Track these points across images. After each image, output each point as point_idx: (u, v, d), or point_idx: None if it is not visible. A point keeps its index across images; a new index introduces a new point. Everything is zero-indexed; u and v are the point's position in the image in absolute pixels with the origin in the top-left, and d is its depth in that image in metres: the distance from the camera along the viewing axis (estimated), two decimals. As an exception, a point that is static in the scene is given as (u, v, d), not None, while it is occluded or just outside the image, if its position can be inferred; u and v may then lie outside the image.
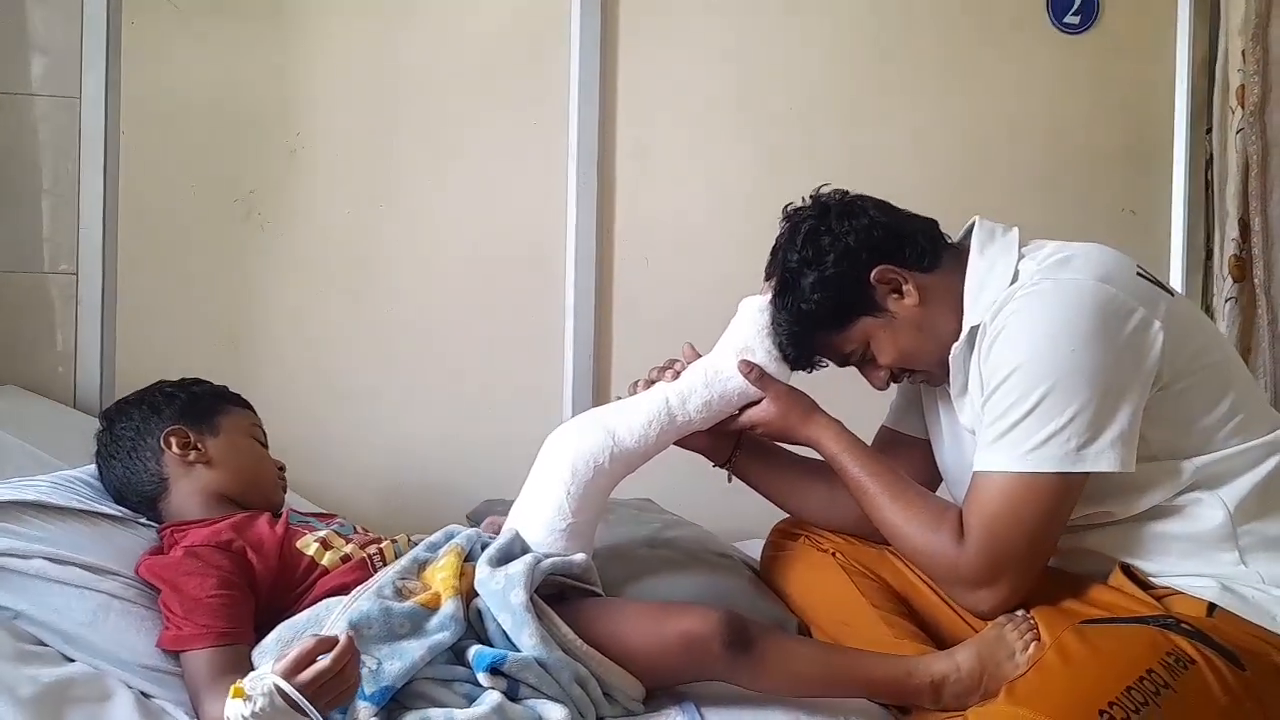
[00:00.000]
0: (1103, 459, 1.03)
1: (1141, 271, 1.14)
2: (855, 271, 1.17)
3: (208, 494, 1.21)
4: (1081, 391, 1.03)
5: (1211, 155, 2.24)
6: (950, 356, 1.18)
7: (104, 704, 0.98)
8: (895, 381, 1.25)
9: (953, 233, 1.26)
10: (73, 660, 1.03)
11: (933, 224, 1.24)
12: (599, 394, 1.92)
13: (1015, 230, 1.20)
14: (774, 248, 1.26)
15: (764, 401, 1.25)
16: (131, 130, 1.77)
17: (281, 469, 1.32)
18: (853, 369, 1.26)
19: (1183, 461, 1.09)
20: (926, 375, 1.24)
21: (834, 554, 1.32)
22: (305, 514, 1.31)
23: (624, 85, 1.94)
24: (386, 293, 1.87)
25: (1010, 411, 1.06)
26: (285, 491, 1.33)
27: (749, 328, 1.27)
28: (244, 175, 1.81)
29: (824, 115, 2.04)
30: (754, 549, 1.50)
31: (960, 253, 1.21)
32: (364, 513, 1.64)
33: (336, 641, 0.91)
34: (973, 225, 1.22)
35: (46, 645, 1.03)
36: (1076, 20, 2.14)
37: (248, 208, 1.82)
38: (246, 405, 1.34)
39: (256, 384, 1.79)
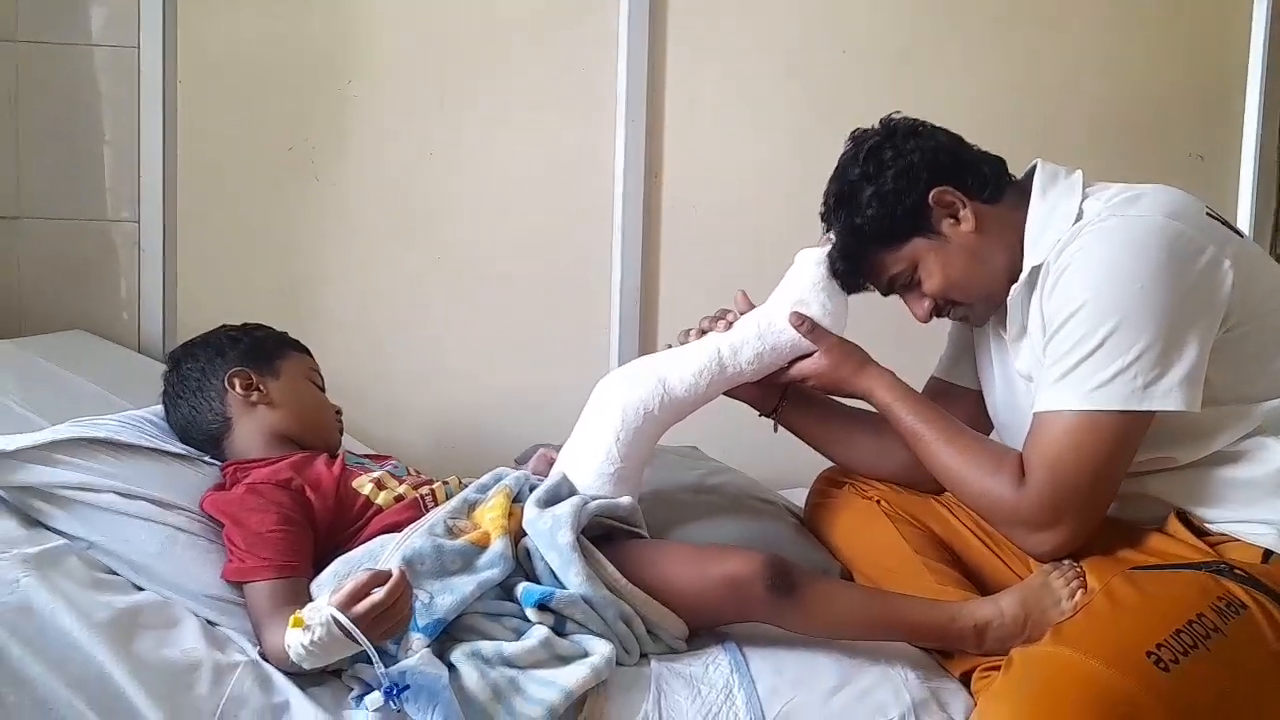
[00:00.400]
0: (1170, 398, 1.01)
1: (1210, 212, 1.12)
2: (914, 190, 1.16)
3: (269, 434, 1.25)
4: (1148, 328, 1.01)
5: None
6: (1009, 298, 1.17)
7: (172, 630, 1.02)
8: (939, 314, 1.23)
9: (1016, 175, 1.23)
10: (142, 589, 1.08)
11: (999, 160, 1.21)
12: (645, 342, 1.93)
13: (1079, 172, 1.17)
14: (837, 166, 1.24)
15: (816, 354, 1.25)
16: (189, 80, 1.80)
17: (338, 412, 1.36)
18: (900, 313, 1.25)
19: (1249, 405, 1.06)
20: (969, 310, 1.22)
21: (879, 501, 1.32)
22: (361, 455, 1.34)
23: (673, 33, 1.91)
24: (437, 242, 1.89)
25: (1075, 349, 1.03)
26: (342, 434, 1.36)
27: (805, 280, 1.27)
28: (299, 124, 1.84)
29: (877, 61, 1.99)
30: (798, 497, 1.51)
31: (1023, 192, 1.18)
32: (416, 455, 1.68)
33: (389, 575, 0.93)
34: (1034, 168, 1.20)
35: (118, 574, 1.08)
36: (1149, -44, 2.04)
37: (302, 156, 1.84)
38: (305, 350, 1.38)
39: (312, 330, 1.82)
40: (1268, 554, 1.04)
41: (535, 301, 1.92)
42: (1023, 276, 1.14)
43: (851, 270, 1.24)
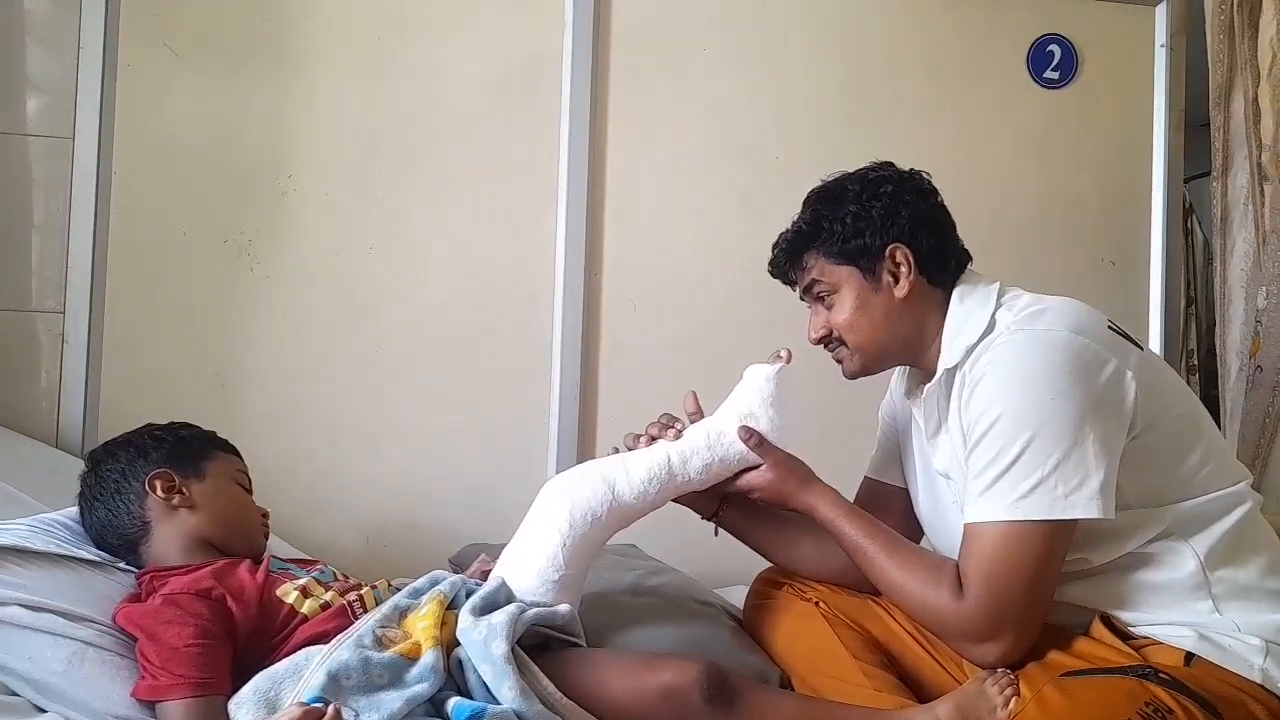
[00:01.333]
0: (1091, 505, 1.05)
1: (1112, 325, 1.17)
2: (882, 232, 1.22)
3: (189, 539, 1.21)
4: (1064, 439, 1.05)
5: (1190, 205, 2.28)
6: (923, 395, 1.22)
7: (74, 757, 0.96)
8: (824, 344, 1.28)
9: None
10: (44, 711, 1.01)
11: (967, 259, 1.27)
12: (584, 438, 1.93)
13: (997, 284, 1.23)
14: (849, 173, 1.28)
15: (763, 468, 1.27)
16: (124, 171, 1.78)
17: (265, 515, 1.32)
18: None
19: (1156, 509, 1.10)
20: (849, 356, 1.26)
21: (817, 603, 1.32)
22: (286, 560, 1.30)
23: (613, 131, 1.97)
24: (375, 335, 1.88)
25: (995, 462, 1.07)
26: (268, 537, 1.32)
27: (754, 395, 1.29)
28: (235, 217, 1.83)
29: (809, 164, 2.01)
30: (736, 595, 1.50)
31: (948, 298, 1.24)
32: (348, 553, 1.64)
33: (322, 716, 0.90)
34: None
35: (17, 695, 1.02)
36: (1056, 75, 2.18)
37: (238, 249, 1.83)
38: (233, 450, 1.34)
39: (242, 424, 1.81)
40: (1189, 656, 1.07)
41: (472, 397, 1.91)
42: (937, 376, 1.20)
43: (790, 253, 1.28)
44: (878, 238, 1.22)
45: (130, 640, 1.08)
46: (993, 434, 1.08)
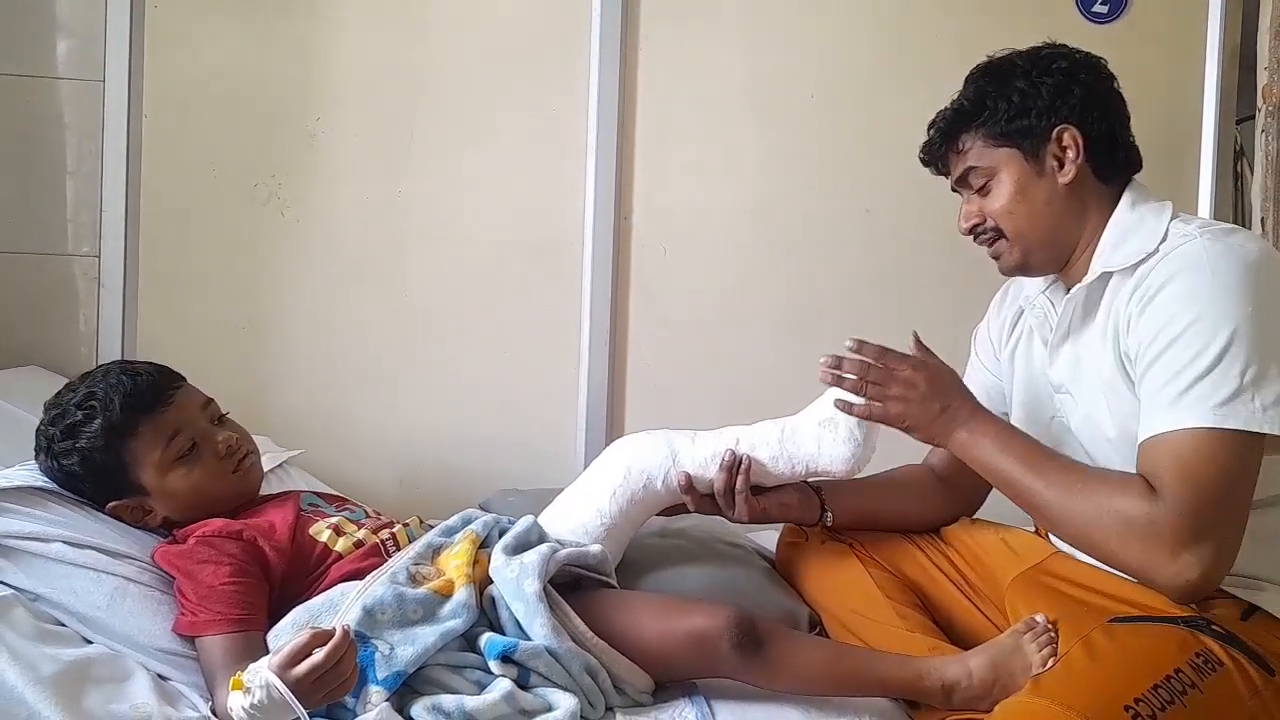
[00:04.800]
0: (1276, 424, 0.99)
1: None
2: (1052, 112, 1.13)
3: (188, 516, 1.16)
4: (1263, 351, 0.99)
5: (1241, 148, 2.20)
6: (1068, 297, 1.16)
7: (123, 684, 0.99)
8: (975, 234, 1.19)
9: None
10: (91, 642, 1.04)
11: (1139, 162, 1.19)
12: (614, 383, 1.93)
13: (1168, 203, 1.15)
14: (1020, 50, 1.20)
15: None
16: (154, 114, 1.78)
17: (238, 443, 1.19)
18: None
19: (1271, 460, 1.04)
20: (1005, 250, 1.18)
21: (850, 544, 1.32)
22: (316, 494, 1.31)
23: (643, 74, 1.93)
24: (404, 279, 1.88)
25: (1190, 367, 1.00)
26: (252, 460, 1.22)
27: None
28: (264, 160, 1.82)
29: (845, 104, 2.01)
30: (766, 539, 1.50)
31: (1118, 197, 1.16)
32: (380, 496, 1.66)
33: (331, 635, 0.91)
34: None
35: (66, 626, 1.05)
36: (1105, 9, 2.10)
37: (268, 192, 1.83)
38: (152, 403, 1.15)
39: (274, 365, 1.83)
40: (1248, 611, 1.05)
41: (502, 340, 1.90)
42: (1089, 279, 1.13)
43: (947, 132, 1.19)
44: (1045, 117, 1.13)
45: (169, 578, 1.11)
46: (1185, 339, 1.01)
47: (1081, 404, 1.15)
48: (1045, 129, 1.14)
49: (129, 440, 1.14)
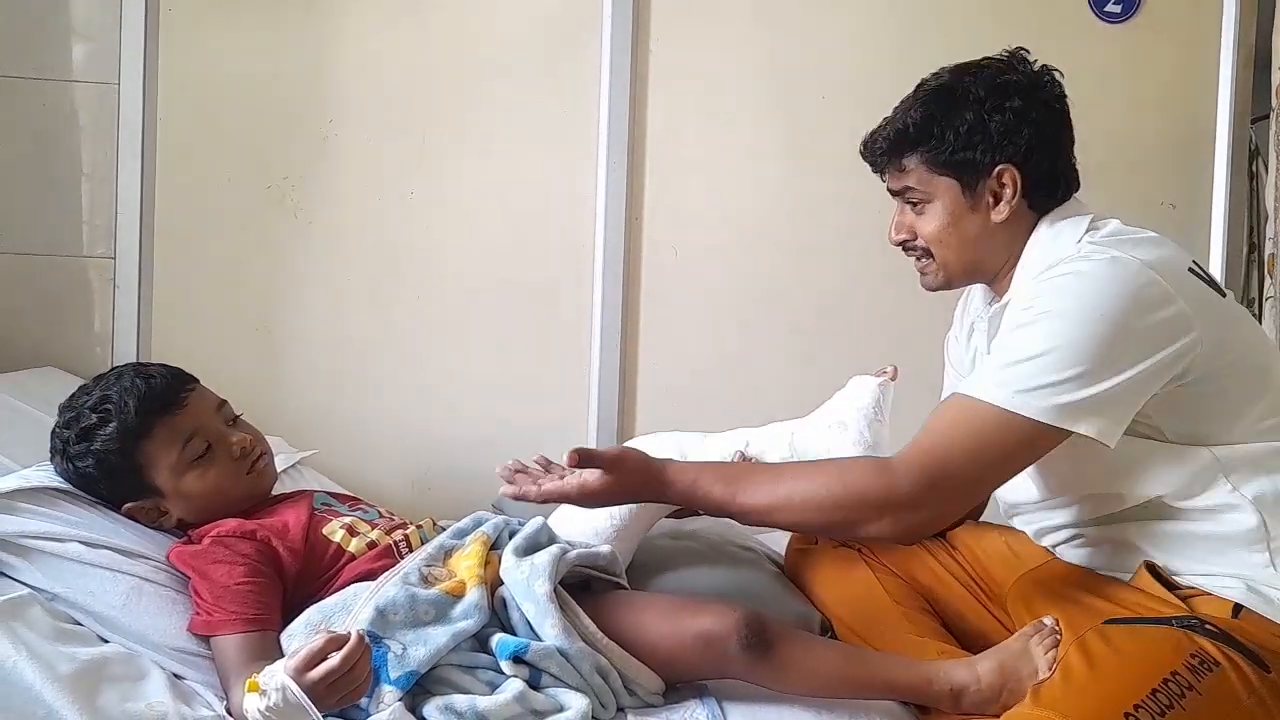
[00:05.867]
0: (1081, 423, 1.01)
1: (1196, 269, 1.12)
2: (995, 151, 1.14)
3: (202, 517, 1.17)
4: (1091, 357, 1.01)
5: (1256, 148, 2.18)
6: (988, 315, 1.18)
7: (138, 683, 0.99)
8: (905, 248, 1.22)
9: None
10: (107, 641, 1.05)
11: (1076, 186, 1.20)
12: (625, 385, 1.93)
13: (1090, 215, 1.16)
14: (978, 64, 1.19)
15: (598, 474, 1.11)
16: (168, 116, 1.79)
17: (253, 442, 1.21)
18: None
19: (1201, 449, 1.07)
20: (933, 271, 1.21)
21: (859, 549, 1.32)
22: (329, 494, 1.32)
23: (655, 74, 1.93)
24: (417, 279, 1.88)
25: (1016, 351, 1.04)
26: (265, 464, 1.24)
27: (851, 405, 1.27)
28: (278, 162, 1.83)
29: (858, 104, 1.99)
30: (775, 542, 1.50)
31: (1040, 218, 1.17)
32: (391, 498, 1.66)
33: (347, 639, 0.92)
34: None
35: (82, 625, 1.06)
36: (1118, 9, 2.09)
37: (281, 194, 1.84)
38: (149, 426, 1.16)
39: (288, 366, 1.84)
40: (1237, 608, 1.04)
41: (514, 342, 1.91)
42: (1007, 297, 1.16)
43: (890, 150, 1.19)
44: (989, 155, 1.13)
45: (184, 577, 1.11)
46: (1028, 329, 1.05)
47: None
48: (988, 166, 1.14)
49: (144, 443, 1.15)
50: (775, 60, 1.98)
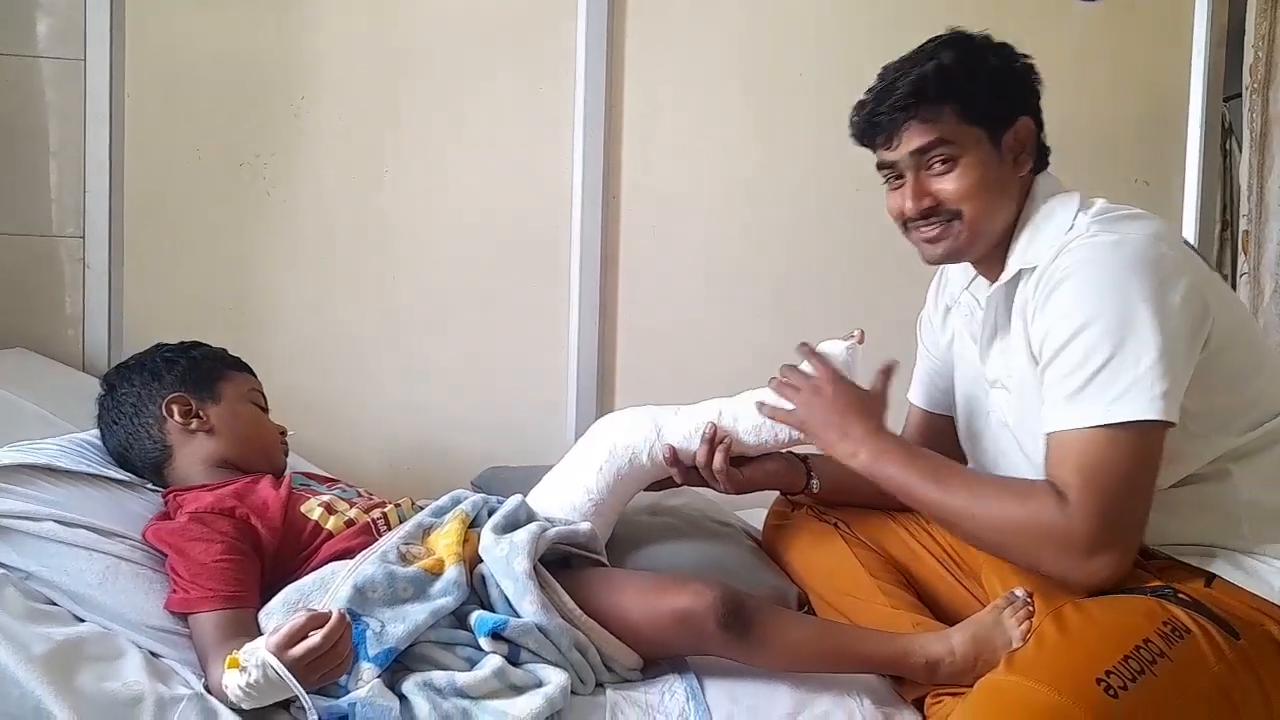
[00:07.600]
0: (1173, 411, 1.00)
1: (1186, 243, 1.13)
2: (1025, 98, 1.13)
3: (210, 461, 1.22)
4: (1154, 341, 1.00)
5: (1230, 125, 2.20)
6: (987, 295, 1.16)
7: (114, 662, 0.99)
8: (926, 216, 1.13)
9: None
10: (83, 620, 1.04)
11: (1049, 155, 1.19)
12: (603, 362, 1.93)
13: (1076, 193, 1.15)
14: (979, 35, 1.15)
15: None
16: (136, 93, 1.76)
17: (284, 433, 1.33)
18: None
19: (1214, 437, 1.07)
20: (953, 233, 1.13)
21: (836, 524, 1.33)
22: (307, 475, 1.32)
23: (631, 53, 1.92)
24: (392, 258, 1.87)
25: (1083, 366, 1.01)
26: (288, 454, 1.34)
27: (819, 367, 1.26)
28: (249, 140, 1.81)
29: (835, 82, 1.99)
30: (754, 517, 1.52)
31: (1027, 190, 1.15)
32: (369, 477, 1.66)
33: (328, 618, 0.92)
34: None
35: (58, 605, 1.05)
36: (1094, -12, 2.09)
37: (254, 172, 1.82)
38: (246, 368, 1.35)
39: (262, 347, 1.80)
40: (1210, 578, 1.06)
41: (491, 320, 1.90)
42: (1006, 275, 1.13)
43: (918, 96, 1.09)
44: (1014, 104, 1.10)
45: (161, 556, 1.11)
46: (1080, 340, 1.02)
47: (1016, 399, 1.16)
48: (1011, 117, 1.12)
49: (229, 370, 1.31)
50: (753, 40, 1.97)
